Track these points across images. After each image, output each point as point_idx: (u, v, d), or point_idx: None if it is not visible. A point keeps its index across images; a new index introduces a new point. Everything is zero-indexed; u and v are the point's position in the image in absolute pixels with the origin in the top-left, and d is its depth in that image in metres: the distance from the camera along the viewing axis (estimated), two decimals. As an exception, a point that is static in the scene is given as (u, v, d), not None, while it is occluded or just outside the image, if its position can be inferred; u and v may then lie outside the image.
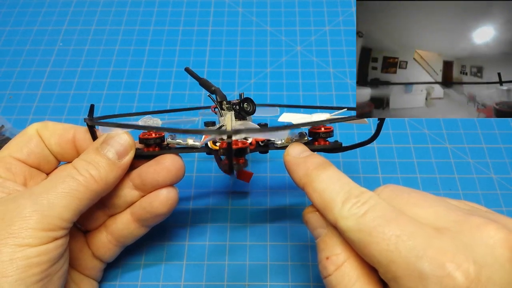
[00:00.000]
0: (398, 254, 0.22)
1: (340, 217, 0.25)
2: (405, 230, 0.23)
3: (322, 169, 0.27)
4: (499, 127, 0.46)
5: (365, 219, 0.24)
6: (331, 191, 0.26)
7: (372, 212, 0.24)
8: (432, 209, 0.24)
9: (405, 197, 0.26)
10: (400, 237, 0.22)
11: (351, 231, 0.24)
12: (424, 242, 0.22)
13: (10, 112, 0.48)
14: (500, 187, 0.42)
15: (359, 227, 0.24)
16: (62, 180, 0.28)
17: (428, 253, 0.22)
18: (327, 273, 0.26)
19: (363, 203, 0.25)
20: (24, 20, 0.58)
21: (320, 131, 0.32)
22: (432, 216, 0.24)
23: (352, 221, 0.24)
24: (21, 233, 0.25)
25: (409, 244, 0.22)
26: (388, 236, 0.23)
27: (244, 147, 0.31)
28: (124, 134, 0.31)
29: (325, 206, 0.26)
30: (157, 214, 0.32)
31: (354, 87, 0.50)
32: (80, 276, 0.33)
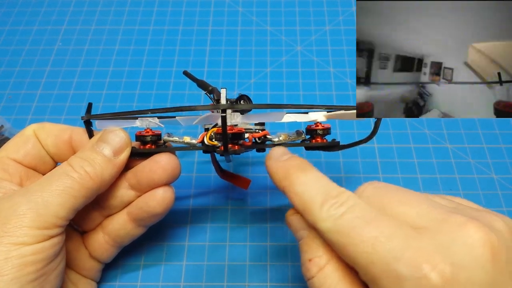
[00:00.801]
0: (376, 255, 0.22)
1: (319, 219, 0.25)
2: (383, 232, 0.22)
3: (301, 171, 0.27)
4: (499, 127, 0.46)
5: (343, 221, 0.24)
6: (310, 193, 0.26)
7: (350, 213, 0.24)
8: (413, 208, 0.24)
9: (386, 195, 0.25)
10: (378, 239, 0.22)
11: (329, 232, 0.24)
12: (402, 243, 0.22)
13: (9, 112, 0.48)
14: (500, 187, 0.42)
15: (337, 228, 0.24)
16: (57, 177, 0.27)
17: (405, 254, 0.21)
18: (310, 275, 0.26)
19: (341, 204, 0.24)
20: (24, 19, 0.58)
21: (318, 128, 0.32)
22: (413, 215, 0.23)
23: (330, 223, 0.24)
24: (16, 231, 0.25)
25: (387, 246, 0.22)
26: (366, 237, 0.22)
27: (240, 132, 0.31)
28: (120, 132, 0.30)
29: (304, 208, 0.26)
30: (153, 213, 0.32)
31: (354, 87, 0.50)
32: (77, 276, 0.33)
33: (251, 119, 0.32)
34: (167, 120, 0.32)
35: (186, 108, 0.29)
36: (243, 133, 0.31)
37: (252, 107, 0.30)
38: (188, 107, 0.29)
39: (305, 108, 0.31)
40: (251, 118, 0.32)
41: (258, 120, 0.32)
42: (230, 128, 0.31)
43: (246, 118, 0.32)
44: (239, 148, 0.31)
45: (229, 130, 0.30)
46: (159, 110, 0.30)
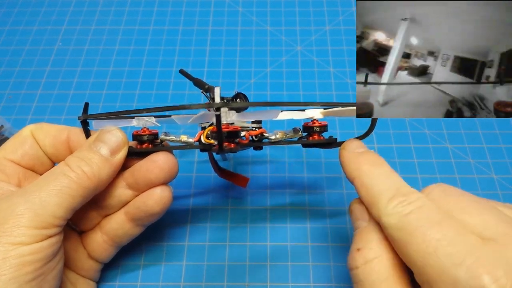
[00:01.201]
0: (436, 258, 0.22)
1: (385, 213, 0.25)
2: (446, 235, 0.22)
3: (375, 166, 0.28)
4: (499, 127, 0.46)
5: (408, 219, 0.24)
6: (379, 187, 0.26)
7: (417, 213, 0.24)
8: (482, 217, 0.24)
9: (454, 200, 0.25)
10: (440, 242, 0.22)
11: (392, 228, 0.24)
12: (465, 250, 0.21)
13: (9, 112, 0.48)
14: (500, 187, 0.42)
15: (401, 225, 0.24)
16: (55, 177, 0.27)
17: (466, 261, 0.21)
18: (355, 265, 0.26)
19: (409, 202, 0.24)
20: (24, 19, 0.58)
21: (314, 125, 0.32)
22: (480, 224, 0.23)
23: (395, 219, 0.24)
24: (14, 231, 0.25)
25: (448, 250, 0.22)
26: (429, 238, 0.22)
27: (235, 130, 0.31)
28: (117, 131, 0.30)
29: (371, 201, 0.26)
30: (151, 213, 0.32)
31: (354, 87, 0.50)
32: (76, 276, 0.33)
33: (246, 117, 0.32)
34: (163, 119, 0.32)
35: (180, 107, 0.29)
36: (239, 131, 0.31)
37: (246, 105, 0.30)
38: (182, 106, 0.28)
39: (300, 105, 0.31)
40: (246, 116, 0.32)
41: (253, 118, 0.32)
42: (226, 127, 0.31)
43: (242, 116, 0.31)
44: (235, 146, 0.31)
45: (225, 129, 0.30)
46: (154, 109, 0.30)
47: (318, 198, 0.41)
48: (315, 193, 0.41)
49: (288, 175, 0.43)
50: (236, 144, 0.31)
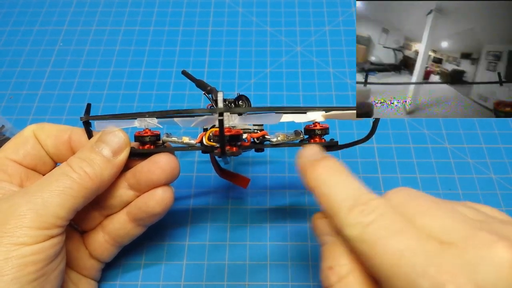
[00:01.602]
0: (400, 269, 0.21)
1: (346, 224, 0.24)
2: (409, 245, 0.22)
3: (333, 173, 0.26)
4: (498, 127, 0.46)
5: (370, 229, 0.23)
6: (339, 196, 0.25)
7: (378, 222, 0.23)
8: (441, 220, 0.23)
9: (415, 203, 0.24)
10: (403, 252, 0.21)
11: (355, 240, 0.23)
12: (427, 259, 0.21)
13: (11, 112, 0.48)
14: (499, 187, 0.42)
15: (364, 237, 0.23)
16: (56, 178, 0.28)
17: (429, 271, 0.20)
18: (329, 284, 0.25)
19: (370, 211, 0.23)
20: (25, 20, 0.58)
21: (316, 128, 0.32)
22: (440, 228, 0.22)
23: (357, 230, 0.23)
24: (16, 231, 0.25)
25: (412, 260, 0.21)
26: (392, 250, 0.22)
27: (237, 134, 0.31)
28: (119, 132, 0.31)
29: (332, 211, 0.25)
30: (152, 213, 0.32)
31: (354, 87, 0.50)
32: (78, 276, 0.33)
33: (249, 120, 0.32)
34: (165, 120, 0.32)
35: (183, 112, 0.29)
36: (241, 135, 0.31)
37: (249, 110, 0.30)
38: (185, 111, 0.29)
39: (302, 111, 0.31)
40: (249, 120, 0.32)
41: (256, 122, 0.33)
42: (228, 130, 0.31)
43: (244, 120, 0.32)
44: (237, 150, 0.31)
45: (227, 132, 0.30)
46: (157, 113, 0.30)
47: (317, 198, 0.41)
48: (314, 193, 0.42)
49: (288, 175, 0.43)
50: (238, 147, 0.31)
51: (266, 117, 0.31)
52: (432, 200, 0.25)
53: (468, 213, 0.24)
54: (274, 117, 0.31)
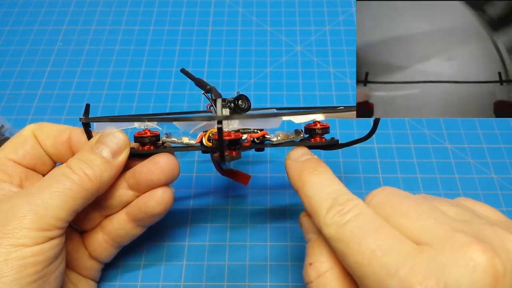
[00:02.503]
0: (371, 269, 0.21)
1: (324, 224, 0.24)
2: (381, 245, 0.22)
3: (314, 174, 0.27)
4: (499, 127, 0.46)
5: (344, 229, 0.23)
6: (319, 197, 0.26)
7: (353, 222, 0.23)
8: (419, 221, 0.23)
9: (396, 203, 0.24)
10: (375, 252, 0.22)
11: (332, 239, 0.24)
12: (398, 260, 0.21)
13: (10, 112, 0.48)
14: (500, 187, 0.42)
15: (339, 236, 0.23)
16: (57, 179, 0.27)
17: (399, 272, 0.20)
18: (309, 280, 0.25)
19: (346, 211, 0.24)
20: (24, 20, 0.58)
21: (316, 127, 0.32)
22: (417, 229, 0.22)
23: (334, 230, 0.24)
24: (16, 233, 0.25)
25: (383, 260, 0.21)
26: (364, 249, 0.22)
27: (237, 138, 0.31)
28: (119, 133, 0.30)
29: (312, 211, 0.26)
30: (152, 214, 0.32)
31: (354, 87, 0.50)
32: (77, 276, 0.33)
33: (248, 125, 0.32)
34: (165, 123, 0.32)
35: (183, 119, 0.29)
36: (240, 139, 0.31)
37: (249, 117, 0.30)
38: (185, 118, 0.29)
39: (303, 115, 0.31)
40: (248, 124, 0.32)
41: (255, 126, 0.32)
42: (227, 134, 0.30)
43: (243, 124, 0.32)
44: (236, 154, 0.31)
45: (226, 136, 0.30)
46: (157, 119, 0.30)
47: (318, 198, 0.41)
48: (315, 193, 0.41)
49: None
50: (238, 152, 0.31)
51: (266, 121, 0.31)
52: (414, 199, 0.25)
53: (452, 212, 0.24)
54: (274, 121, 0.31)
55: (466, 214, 0.24)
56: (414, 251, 0.21)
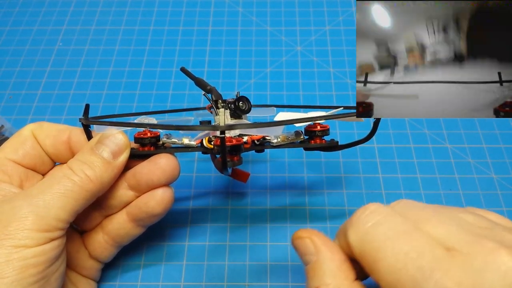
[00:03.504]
0: (405, 272, 0.21)
1: (351, 226, 0.24)
2: (415, 247, 0.22)
3: None
4: (499, 127, 0.46)
5: (375, 231, 0.23)
6: None
7: (385, 223, 0.23)
8: (444, 227, 0.23)
9: (417, 212, 0.24)
10: (409, 255, 0.21)
11: (361, 242, 0.23)
12: (433, 263, 0.21)
13: (10, 112, 0.48)
14: (500, 187, 0.42)
15: (370, 238, 0.23)
16: (58, 181, 0.27)
17: (435, 275, 0.20)
18: None
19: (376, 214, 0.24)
20: (24, 20, 0.58)
21: (316, 129, 0.32)
22: (444, 235, 0.22)
23: (363, 232, 0.23)
24: (17, 234, 0.25)
25: (417, 263, 0.21)
26: (397, 251, 0.22)
27: (238, 144, 0.31)
28: (119, 134, 0.30)
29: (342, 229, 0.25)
30: (152, 214, 0.32)
31: (354, 87, 0.50)
32: (77, 276, 0.33)
33: (249, 133, 0.32)
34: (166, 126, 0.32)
35: (185, 128, 0.29)
36: (241, 144, 0.31)
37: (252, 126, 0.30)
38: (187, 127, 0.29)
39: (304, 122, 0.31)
40: (249, 132, 0.32)
41: (256, 133, 0.32)
42: (229, 140, 0.30)
43: (245, 131, 0.32)
44: (238, 160, 0.31)
45: (228, 142, 0.30)
46: (158, 126, 0.30)
47: (318, 198, 0.41)
48: (315, 193, 0.42)
49: (288, 175, 0.43)
50: (239, 157, 0.31)
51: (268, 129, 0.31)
52: (434, 208, 0.25)
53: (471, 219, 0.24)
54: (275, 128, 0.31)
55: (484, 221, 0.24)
56: (446, 254, 0.21)
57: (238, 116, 0.33)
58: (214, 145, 0.31)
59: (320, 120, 0.32)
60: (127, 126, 0.31)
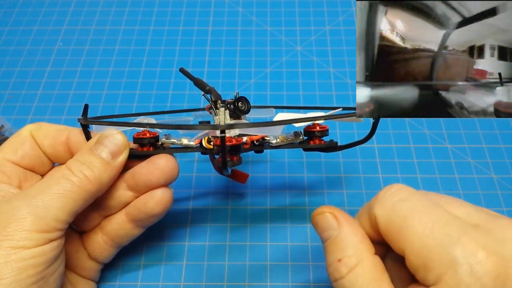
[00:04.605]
0: (433, 239, 0.22)
1: (377, 201, 0.25)
2: (441, 218, 0.23)
3: None
4: (499, 127, 0.46)
5: (402, 204, 0.24)
6: None
7: (409, 199, 0.25)
8: (464, 209, 0.25)
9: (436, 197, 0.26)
10: (436, 223, 0.23)
11: (387, 215, 0.25)
12: (459, 230, 0.22)
13: (10, 112, 0.48)
14: (500, 187, 0.42)
15: (396, 211, 0.24)
16: (57, 181, 0.27)
17: (462, 240, 0.22)
18: (340, 276, 0.25)
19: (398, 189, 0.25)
20: (24, 20, 0.58)
21: (315, 130, 0.32)
22: (464, 214, 0.24)
23: (389, 206, 0.25)
24: (16, 235, 0.25)
25: (445, 230, 0.23)
26: (425, 220, 0.23)
27: (238, 144, 0.31)
28: (118, 134, 0.30)
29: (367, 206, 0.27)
30: (151, 214, 0.32)
31: (354, 87, 0.50)
32: (77, 277, 0.33)
33: (249, 132, 0.32)
34: (165, 126, 0.32)
35: (185, 127, 0.29)
36: (241, 144, 0.31)
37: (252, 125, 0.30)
38: (187, 126, 0.29)
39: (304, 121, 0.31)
40: (249, 132, 0.32)
41: (256, 133, 0.32)
42: (229, 139, 0.30)
43: (245, 130, 0.32)
44: (237, 160, 0.31)
45: (228, 142, 0.30)
46: (158, 126, 0.30)
47: (318, 198, 0.41)
48: (315, 193, 0.42)
49: (288, 175, 0.43)
50: (239, 157, 0.31)
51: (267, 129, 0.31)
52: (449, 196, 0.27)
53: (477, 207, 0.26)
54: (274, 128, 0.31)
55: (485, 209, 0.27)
56: (470, 226, 0.23)
57: (237, 116, 0.33)
58: (214, 145, 0.31)
59: (319, 121, 0.32)
60: (126, 126, 0.31)
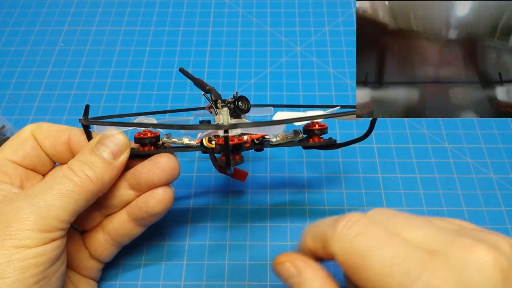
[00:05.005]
0: (392, 277, 0.22)
1: (332, 239, 0.24)
2: (399, 252, 0.22)
3: None
4: (498, 127, 0.47)
5: (358, 240, 0.23)
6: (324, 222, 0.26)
7: (365, 233, 0.23)
8: (421, 231, 0.24)
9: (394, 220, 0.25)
10: (394, 260, 0.22)
11: (345, 254, 0.24)
12: (418, 265, 0.22)
13: (11, 112, 0.48)
14: (499, 187, 0.42)
15: (353, 249, 0.23)
16: (58, 181, 0.28)
17: (422, 277, 0.21)
18: None
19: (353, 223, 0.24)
20: (25, 20, 0.58)
21: (314, 128, 0.33)
22: (421, 238, 0.23)
23: (346, 243, 0.24)
24: (18, 234, 0.25)
25: (404, 267, 0.22)
26: (383, 258, 0.22)
27: (240, 143, 0.31)
28: (119, 134, 0.31)
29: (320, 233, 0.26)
30: (153, 213, 0.32)
31: (354, 87, 0.50)
32: (78, 276, 0.33)
33: (250, 132, 0.32)
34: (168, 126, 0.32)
35: (188, 127, 0.29)
36: (243, 143, 0.31)
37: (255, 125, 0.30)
38: (190, 126, 0.29)
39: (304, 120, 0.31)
40: (250, 131, 0.32)
41: (257, 132, 0.32)
42: (231, 139, 0.31)
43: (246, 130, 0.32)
44: (239, 158, 0.31)
45: (230, 141, 0.30)
46: (160, 126, 0.30)
47: (318, 198, 0.41)
48: (315, 193, 0.42)
49: (288, 175, 0.43)
50: (241, 156, 0.31)
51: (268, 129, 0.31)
52: (408, 216, 0.25)
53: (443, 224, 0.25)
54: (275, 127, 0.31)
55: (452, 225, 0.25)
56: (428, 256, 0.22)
57: (237, 115, 0.34)
58: (216, 144, 0.31)
59: (319, 119, 0.32)
60: (127, 126, 0.31)
